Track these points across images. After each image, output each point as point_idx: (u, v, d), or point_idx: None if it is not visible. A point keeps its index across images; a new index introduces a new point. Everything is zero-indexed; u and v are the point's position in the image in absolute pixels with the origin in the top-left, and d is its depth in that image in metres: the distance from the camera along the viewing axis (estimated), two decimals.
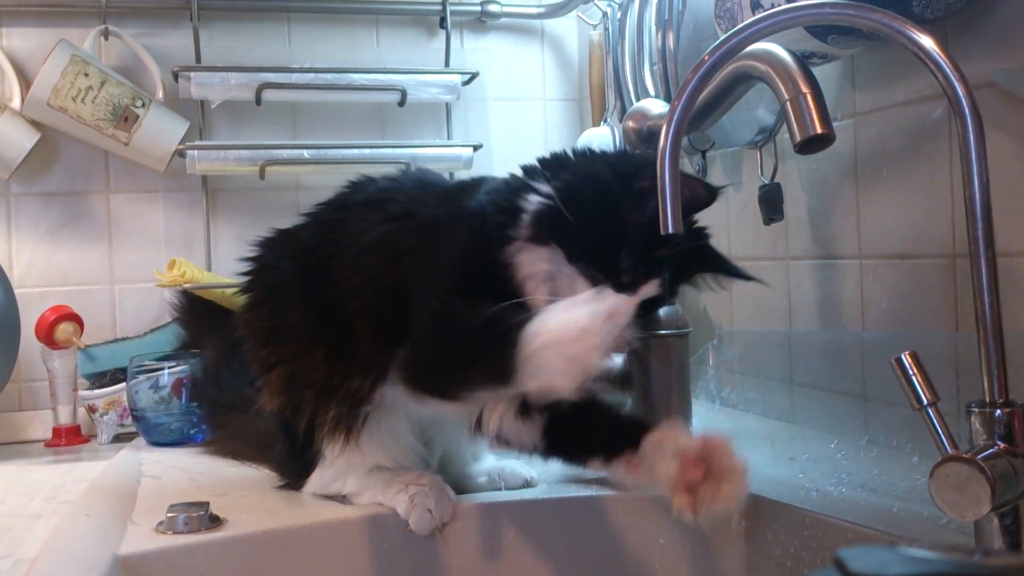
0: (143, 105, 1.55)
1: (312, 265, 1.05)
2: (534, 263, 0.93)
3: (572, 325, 0.82)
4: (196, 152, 1.59)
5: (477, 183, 1.05)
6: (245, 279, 1.12)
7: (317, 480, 1.07)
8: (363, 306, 1.00)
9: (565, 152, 1.02)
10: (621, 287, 0.91)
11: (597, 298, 0.87)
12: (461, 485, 1.08)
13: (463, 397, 0.94)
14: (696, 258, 0.97)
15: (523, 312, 0.89)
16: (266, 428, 1.22)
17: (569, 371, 0.81)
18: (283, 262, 1.08)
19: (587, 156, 1.02)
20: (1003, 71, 0.88)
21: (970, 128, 0.74)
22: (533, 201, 0.95)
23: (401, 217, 1.03)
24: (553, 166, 1.00)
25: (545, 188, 0.96)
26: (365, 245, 1.01)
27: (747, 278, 1.00)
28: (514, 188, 0.99)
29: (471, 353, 0.90)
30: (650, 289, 0.92)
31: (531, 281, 0.93)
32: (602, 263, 0.92)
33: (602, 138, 1.55)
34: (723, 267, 1.00)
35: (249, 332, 1.11)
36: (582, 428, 0.98)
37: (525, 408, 0.99)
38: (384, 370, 0.98)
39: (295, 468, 1.11)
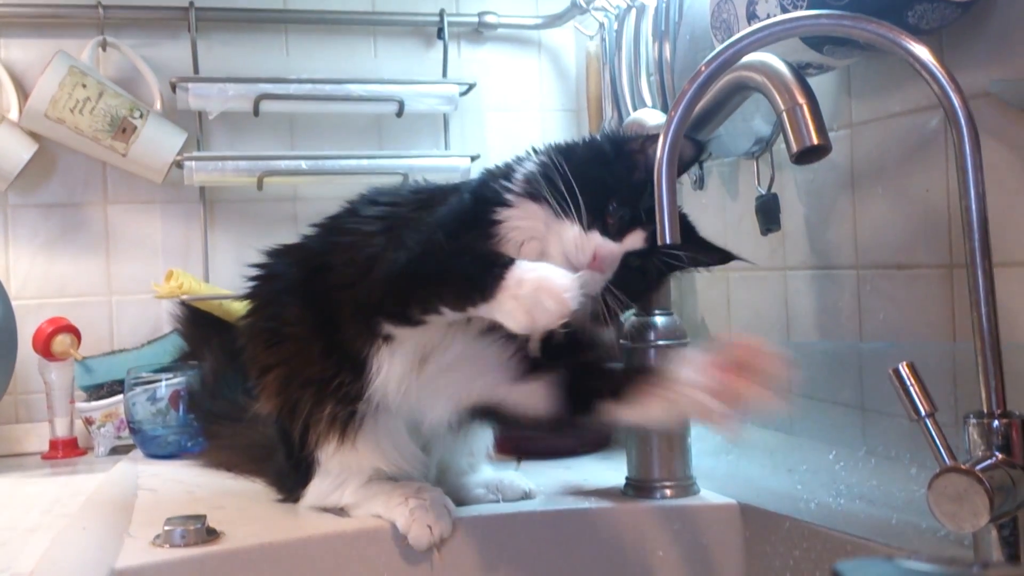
0: (141, 116, 1.55)
1: (315, 267, 1.05)
2: (523, 218, 0.94)
3: (557, 275, 0.83)
4: (194, 163, 1.59)
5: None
6: (249, 285, 1.12)
7: (315, 491, 1.07)
8: (355, 289, 1.00)
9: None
10: (607, 232, 0.92)
11: (583, 245, 0.90)
12: (458, 495, 1.08)
13: (419, 318, 0.92)
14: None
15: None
16: (261, 439, 1.22)
17: (546, 314, 0.81)
18: (289, 269, 1.10)
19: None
20: (1001, 81, 0.88)
21: (966, 138, 0.74)
22: (530, 162, 0.99)
23: (402, 199, 1.06)
24: (554, 144, 1.02)
25: (543, 151, 1.00)
26: (364, 234, 1.02)
27: (730, 258, 1.01)
28: (513, 159, 1.02)
29: (445, 274, 0.90)
30: (635, 240, 0.92)
31: (517, 233, 0.93)
32: (591, 211, 0.92)
33: None
34: (707, 248, 1.00)
35: (249, 337, 1.11)
36: (591, 378, 0.99)
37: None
38: (374, 360, 0.98)
39: (293, 479, 1.11)
